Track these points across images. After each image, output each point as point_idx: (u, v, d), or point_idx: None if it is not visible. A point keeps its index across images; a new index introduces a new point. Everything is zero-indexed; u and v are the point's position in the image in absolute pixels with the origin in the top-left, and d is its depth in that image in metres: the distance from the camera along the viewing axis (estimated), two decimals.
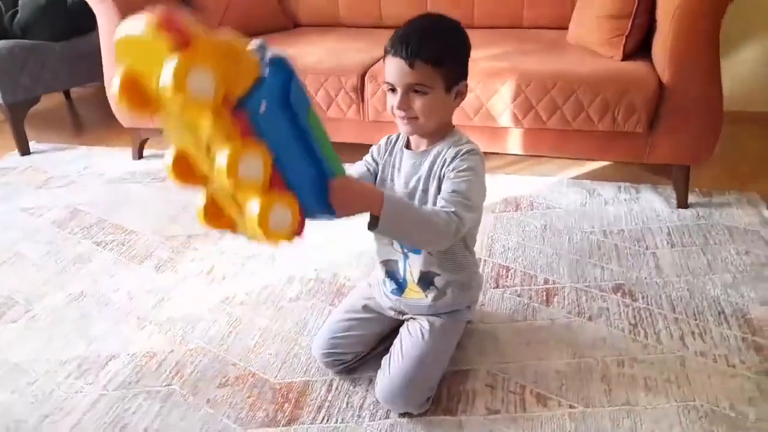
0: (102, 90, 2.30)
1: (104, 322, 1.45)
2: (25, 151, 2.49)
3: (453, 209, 0.98)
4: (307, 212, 0.81)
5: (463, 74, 1.06)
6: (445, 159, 1.06)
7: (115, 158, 2.41)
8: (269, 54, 0.77)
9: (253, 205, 0.75)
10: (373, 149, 1.20)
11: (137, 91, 0.73)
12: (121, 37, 0.72)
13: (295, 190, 0.80)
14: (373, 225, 0.93)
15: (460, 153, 1.05)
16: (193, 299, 1.51)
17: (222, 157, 0.71)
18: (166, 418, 1.16)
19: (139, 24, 0.68)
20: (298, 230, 0.81)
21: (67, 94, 3.24)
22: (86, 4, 2.11)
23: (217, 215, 0.85)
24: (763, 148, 2.23)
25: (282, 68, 0.77)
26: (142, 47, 0.69)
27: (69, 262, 1.70)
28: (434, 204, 1.05)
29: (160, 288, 1.57)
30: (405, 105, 1.02)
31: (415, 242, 1.02)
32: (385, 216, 0.91)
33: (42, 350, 1.36)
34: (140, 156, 2.39)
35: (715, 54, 1.65)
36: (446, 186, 1.03)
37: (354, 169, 1.19)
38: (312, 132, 0.81)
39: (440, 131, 1.09)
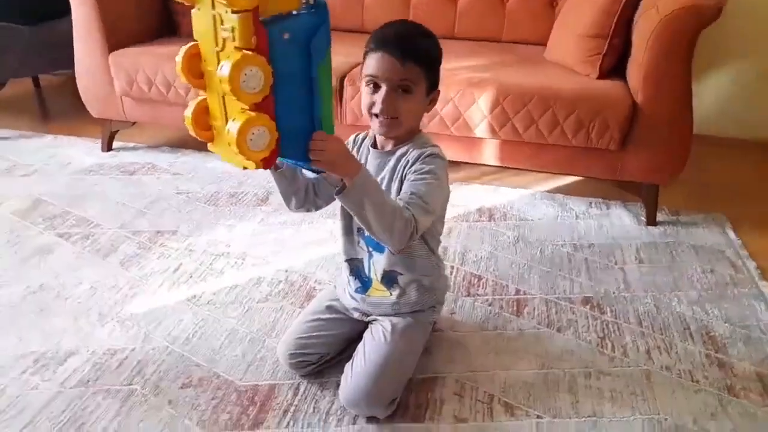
0: (73, 78, 2.24)
1: (64, 316, 1.39)
2: None
3: (411, 208, 0.99)
4: (283, 149, 0.85)
5: (437, 82, 1.09)
6: (408, 160, 1.07)
7: (83, 149, 2.34)
8: None
9: (235, 126, 0.79)
10: None
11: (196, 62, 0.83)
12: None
13: (279, 124, 0.83)
14: (340, 190, 0.94)
15: (423, 155, 1.05)
16: (158, 297, 1.47)
17: (227, 64, 0.76)
18: (126, 419, 1.12)
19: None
20: (269, 159, 0.84)
21: (36, 81, 3.13)
22: None
23: (202, 124, 0.88)
24: (729, 171, 2.30)
25: (320, 13, 0.82)
26: None
27: (29, 254, 1.64)
28: None
29: (124, 284, 1.52)
30: (390, 101, 1.02)
31: (371, 226, 0.97)
32: (355, 185, 0.92)
33: None
34: (109, 148, 2.33)
35: (687, 78, 1.69)
36: (406, 187, 1.04)
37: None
38: (318, 82, 0.85)
39: (409, 133, 1.10)
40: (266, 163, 0.85)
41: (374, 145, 1.14)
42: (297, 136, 0.87)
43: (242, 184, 2.07)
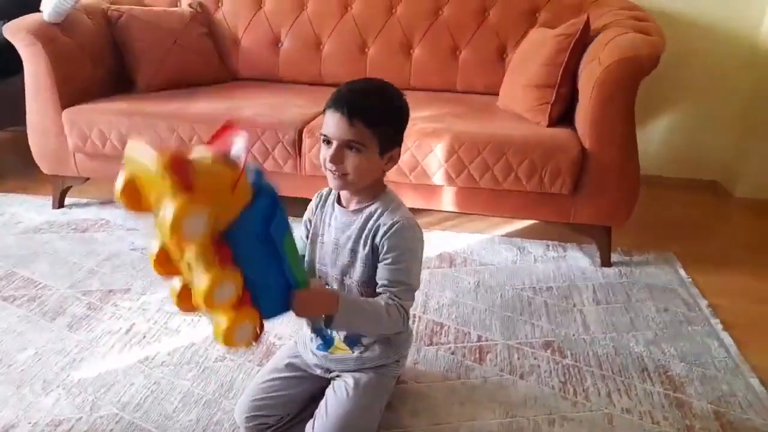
0: (23, 135, 2.18)
1: (5, 386, 1.31)
2: None
3: (399, 301, 1.06)
4: (267, 315, 0.89)
5: (397, 141, 1.09)
6: (378, 226, 1.07)
7: (33, 206, 2.27)
8: (260, 179, 0.83)
9: (221, 322, 0.83)
10: (308, 211, 1.21)
11: (135, 195, 0.80)
12: (130, 155, 0.79)
13: (260, 300, 0.87)
14: (328, 321, 1.01)
15: (395, 228, 1.06)
16: (108, 360, 1.41)
17: (201, 283, 0.79)
18: None
19: (149, 155, 0.75)
20: (257, 339, 0.89)
21: None
22: (11, 46, 2.02)
23: (187, 300, 0.87)
24: (678, 210, 2.39)
25: (269, 196, 0.84)
26: (147, 172, 0.76)
27: None
28: (363, 264, 1.09)
29: (72, 348, 1.45)
30: (338, 159, 1.03)
31: (367, 333, 1.12)
32: (340, 316, 1.00)
33: None
34: (61, 205, 2.26)
35: (631, 123, 1.77)
36: (387, 274, 1.07)
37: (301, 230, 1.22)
38: (286, 255, 0.89)
39: (371, 190, 1.10)
40: (257, 341, 0.90)
41: (339, 202, 1.14)
42: (275, 300, 0.91)
43: None
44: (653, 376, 1.39)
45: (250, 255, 0.84)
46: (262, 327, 0.89)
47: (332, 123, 1.02)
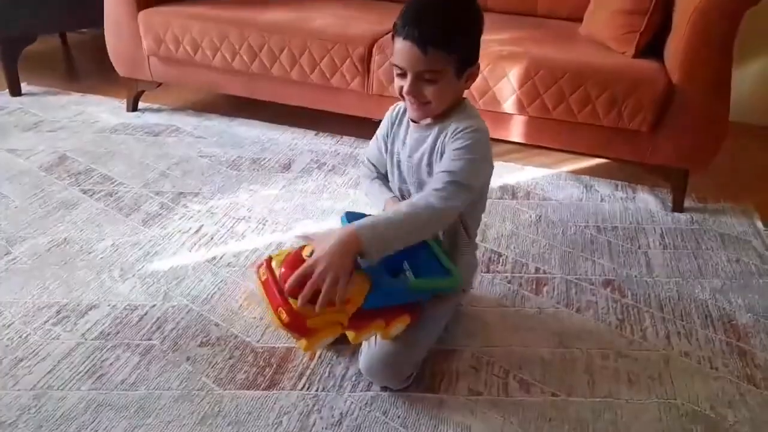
0: (100, 37, 2.23)
1: (87, 270, 1.41)
2: (16, 91, 2.42)
3: (443, 191, 0.97)
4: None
5: (475, 56, 1.04)
6: (448, 133, 1.04)
7: (108, 108, 2.35)
8: (366, 264, 0.94)
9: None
10: (381, 126, 1.20)
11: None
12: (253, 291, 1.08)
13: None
14: (365, 257, 0.92)
15: (460, 129, 1.02)
16: (179, 256, 1.48)
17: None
18: (144, 372, 1.14)
19: (269, 311, 0.93)
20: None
21: (63, 38, 3.14)
22: None
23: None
24: (762, 161, 2.24)
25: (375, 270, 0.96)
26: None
27: (54, 208, 1.66)
28: None
29: (146, 242, 1.53)
30: (417, 91, 1.00)
31: (415, 241, 0.99)
32: (370, 247, 0.90)
33: (19, 294, 1.33)
34: (135, 108, 2.33)
35: (727, 60, 1.63)
36: (441, 165, 1.02)
37: (370, 154, 1.24)
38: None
39: (448, 107, 1.07)
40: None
41: (414, 119, 1.12)
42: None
43: (265, 150, 2.06)
44: (716, 324, 1.35)
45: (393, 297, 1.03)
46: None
47: (404, 53, 0.96)
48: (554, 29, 2.05)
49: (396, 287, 1.01)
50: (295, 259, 0.93)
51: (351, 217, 1.01)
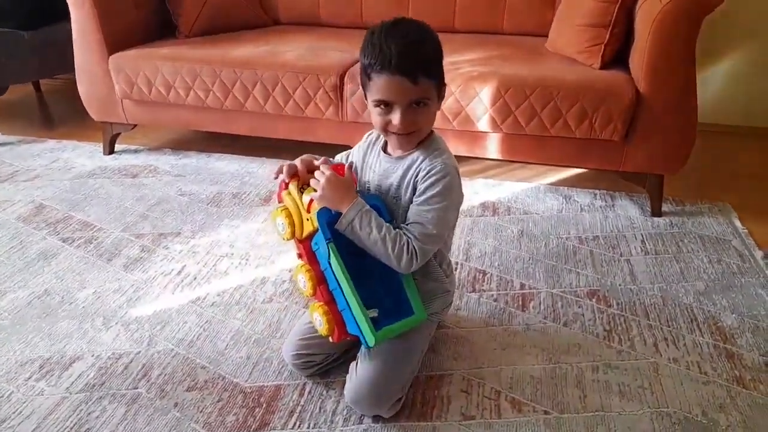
0: (73, 82, 2.23)
1: (69, 321, 1.39)
2: None
3: (413, 240, 1.01)
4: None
5: (444, 78, 1.06)
6: (419, 170, 1.05)
7: (85, 152, 2.34)
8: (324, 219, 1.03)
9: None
10: (353, 153, 1.20)
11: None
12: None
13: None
14: (339, 216, 1.02)
15: (433, 172, 1.03)
16: (162, 300, 1.47)
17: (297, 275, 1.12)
18: (132, 423, 1.12)
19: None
20: (335, 332, 1.09)
21: (36, 86, 3.14)
22: None
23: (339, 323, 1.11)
24: (734, 160, 2.28)
25: (323, 230, 1.03)
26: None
27: (33, 259, 1.64)
28: (405, 211, 1.06)
29: (128, 287, 1.52)
30: (409, 121, 1.01)
31: (368, 249, 1.03)
32: (351, 211, 1.01)
33: (0, 350, 1.30)
34: (111, 151, 2.33)
35: (691, 65, 1.67)
36: (412, 213, 1.04)
37: (340, 157, 1.27)
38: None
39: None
40: (334, 333, 1.09)
41: (384, 148, 1.13)
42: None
43: (244, 184, 2.06)
44: (702, 327, 1.36)
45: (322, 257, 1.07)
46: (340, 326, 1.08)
47: (392, 87, 0.97)
48: (521, 46, 2.09)
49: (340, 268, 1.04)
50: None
51: (325, 214, 1.03)
